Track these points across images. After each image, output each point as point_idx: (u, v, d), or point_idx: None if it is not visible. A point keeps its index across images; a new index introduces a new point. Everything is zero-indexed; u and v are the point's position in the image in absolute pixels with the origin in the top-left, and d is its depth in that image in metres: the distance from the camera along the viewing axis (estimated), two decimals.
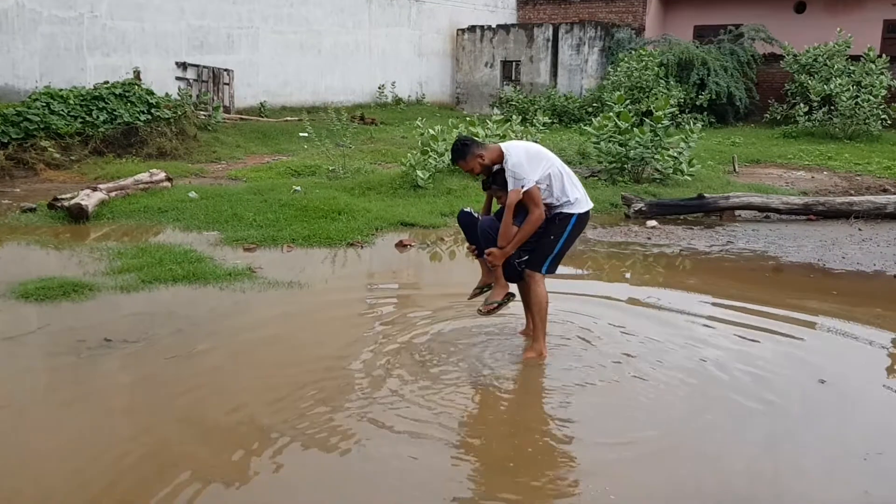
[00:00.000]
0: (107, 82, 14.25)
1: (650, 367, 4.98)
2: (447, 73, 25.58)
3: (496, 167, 4.95)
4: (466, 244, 5.41)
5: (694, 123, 12.63)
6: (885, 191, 11.91)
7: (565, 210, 4.92)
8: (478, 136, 11.46)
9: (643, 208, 9.95)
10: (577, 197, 4.93)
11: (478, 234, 5.11)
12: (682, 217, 10.06)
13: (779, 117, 20.16)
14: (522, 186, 4.75)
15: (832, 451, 4.01)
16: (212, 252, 7.69)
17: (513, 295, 5.22)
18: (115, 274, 6.78)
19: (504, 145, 4.95)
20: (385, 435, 4.03)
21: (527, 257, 5.03)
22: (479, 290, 5.30)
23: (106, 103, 13.48)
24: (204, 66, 18.28)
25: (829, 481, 3.76)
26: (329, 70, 21.66)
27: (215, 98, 17.98)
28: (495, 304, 5.17)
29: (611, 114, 12.24)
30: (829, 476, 3.81)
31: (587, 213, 5.03)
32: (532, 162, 4.80)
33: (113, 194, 9.85)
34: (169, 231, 8.71)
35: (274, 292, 6.49)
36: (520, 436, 4.17)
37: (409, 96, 24.04)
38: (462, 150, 4.95)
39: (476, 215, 5.20)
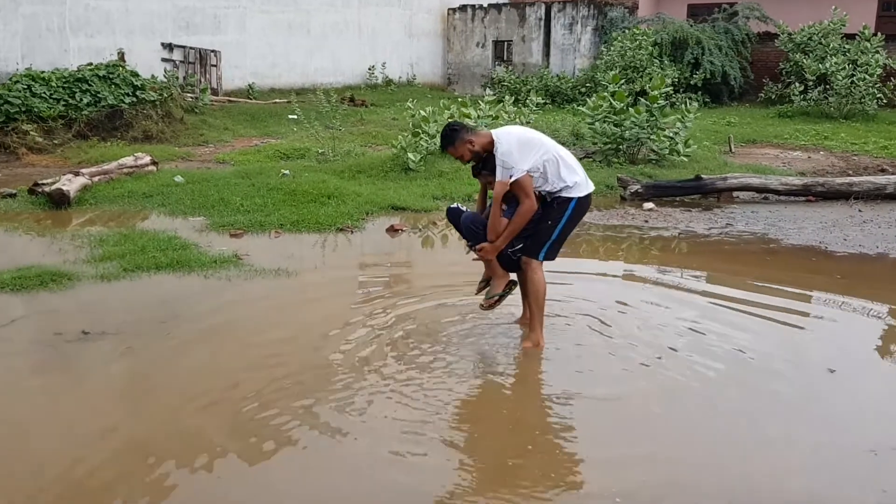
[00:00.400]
0: (90, 64, 13.94)
1: (656, 354, 4.80)
2: (438, 53, 25.23)
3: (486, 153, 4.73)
4: (465, 245, 5.12)
5: (690, 103, 12.41)
6: (883, 171, 11.74)
7: (564, 194, 4.71)
8: (470, 118, 11.23)
9: (640, 190, 9.76)
10: (576, 181, 4.71)
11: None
12: (679, 199, 9.87)
13: (774, 97, 19.93)
14: (511, 176, 4.54)
15: (846, 446, 3.83)
16: (197, 238, 7.47)
17: (515, 283, 5.03)
18: (95, 262, 6.56)
19: (496, 132, 4.72)
20: (371, 432, 3.82)
21: (521, 245, 4.82)
22: (485, 282, 5.09)
23: (89, 85, 13.18)
24: (190, 48, 17.94)
25: (843, 478, 3.58)
26: (318, 51, 21.30)
27: (202, 80, 17.67)
28: (496, 297, 4.98)
29: (605, 94, 12.03)
30: (843, 473, 3.63)
31: (588, 196, 4.80)
32: (523, 150, 4.59)
33: (96, 179, 9.60)
34: (154, 217, 8.48)
35: (260, 280, 6.28)
36: (519, 432, 3.97)
37: (400, 77, 23.69)
38: (451, 136, 4.73)
39: (464, 209, 4.99)
